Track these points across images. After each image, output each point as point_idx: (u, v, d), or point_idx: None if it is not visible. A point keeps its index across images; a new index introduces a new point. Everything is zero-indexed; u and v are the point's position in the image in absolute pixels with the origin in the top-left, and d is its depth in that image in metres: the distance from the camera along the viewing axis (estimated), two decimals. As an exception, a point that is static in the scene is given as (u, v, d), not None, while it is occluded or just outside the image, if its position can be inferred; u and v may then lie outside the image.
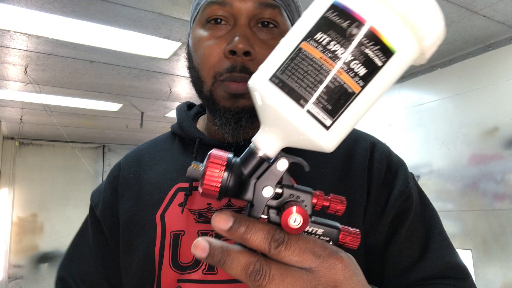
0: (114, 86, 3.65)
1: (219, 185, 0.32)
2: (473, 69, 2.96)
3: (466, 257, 2.81)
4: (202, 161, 0.64)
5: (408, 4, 0.29)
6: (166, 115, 4.74)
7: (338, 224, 0.35)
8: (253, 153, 0.34)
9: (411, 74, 3.42)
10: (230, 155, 0.34)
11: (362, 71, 0.30)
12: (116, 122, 5.08)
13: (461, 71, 3.04)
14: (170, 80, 3.53)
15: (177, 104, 4.21)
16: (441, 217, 0.65)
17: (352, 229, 0.35)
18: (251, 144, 0.34)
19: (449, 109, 3.09)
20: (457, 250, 0.61)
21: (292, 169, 0.59)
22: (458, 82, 3.05)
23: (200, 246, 0.31)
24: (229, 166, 0.33)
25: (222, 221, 0.31)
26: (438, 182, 3.10)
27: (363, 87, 0.30)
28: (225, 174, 0.32)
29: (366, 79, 0.30)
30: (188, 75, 0.67)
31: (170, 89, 3.75)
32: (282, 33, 0.60)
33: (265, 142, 0.33)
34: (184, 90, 3.77)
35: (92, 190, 0.77)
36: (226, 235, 0.32)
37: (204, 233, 0.59)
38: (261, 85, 0.31)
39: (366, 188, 0.60)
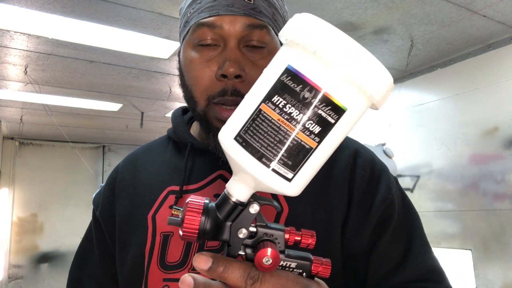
0: (114, 86, 3.65)
1: (197, 230, 0.36)
2: (473, 69, 2.96)
3: (466, 257, 2.81)
4: (192, 165, 0.67)
5: (353, 68, 0.32)
6: (166, 115, 4.74)
7: (310, 256, 0.39)
8: (226, 199, 0.37)
9: (411, 74, 3.42)
10: (207, 201, 0.38)
11: (317, 129, 0.33)
12: (116, 122, 5.08)
13: (461, 71, 3.04)
14: (170, 80, 3.53)
15: (177, 104, 4.22)
16: (441, 217, 0.66)
17: (323, 259, 0.38)
18: (224, 190, 0.38)
19: (449, 109, 3.09)
20: (457, 250, 0.63)
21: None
22: (458, 82, 3.05)
23: (186, 282, 0.35)
24: (205, 211, 0.36)
25: (202, 262, 0.35)
26: (438, 182, 3.10)
27: (319, 142, 0.34)
28: (202, 219, 0.36)
29: (321, 135, 0.34)
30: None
31: (170, 89, 3.75)
32: (271, 51, 0.62)
33: (237, 189, 0.37)
34: (184, 90, 3.76)
35: (92, 190, 0.80)
36: (207, 275, 0.35)
37: None
38: (227, 143, 0.35)
39: (348, 194, 0.62)
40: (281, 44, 0.37)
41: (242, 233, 0.37)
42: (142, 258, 0.62)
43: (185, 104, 0.74)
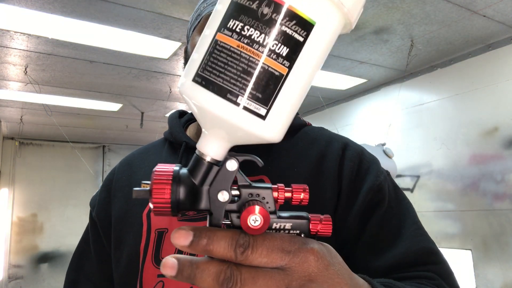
0: (114, 86, 3.65)
1: (169, 201, 0.31)
2: (473, 69, 2.96)
3: (466, 257, 2.81)
4: (186, 164, 0.67)
5: None
6: (166, 115, 4.74)
7: (307, 214, 0.34)
8: (200, 160, 0.32)
9: (411, 74, 3.42)
10: (177, 168, 0.32)
11: (284, 51, 0.28)
12: (116, 122, 5.08)
13: (461, 71, 3.04)
14: (170, 80, 3.53)
15: (177, 104, 4.22)
16: (441, 217, 0.66)
17: (322, 216, 0.34)
18: (195, 151, 0.33)
19: (449, 109, 3.10)
20: (457, 250, 0.62)
21: (265, 169, 0.62)
22: (458, 82, 3.05)
23: (169, 264, 0.30)
24: (176, 178, 0.31)
25: (181, 237, 0.30)
26: (438, 182, 3.10)
27: (289, 67, 0.29)
28: (173, 188, 0.31)
29: (290, 58, 0.28)
30: None
31: (170, 89, 3.75)
32: None
33: (209, 146, 0.32)
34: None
35: (92, 190, 0.81)
36: (188, 251, 0.31)
37: None
38: (186, 88, 0.30)
39: (337, 185, 0.63)
40: None
41: (223, 195, 0.32)
42: (137, 255, 0.63)
43: (184, 105, 0.74)
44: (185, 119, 0.80)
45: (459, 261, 2.83)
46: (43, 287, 5.64)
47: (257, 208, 0.30)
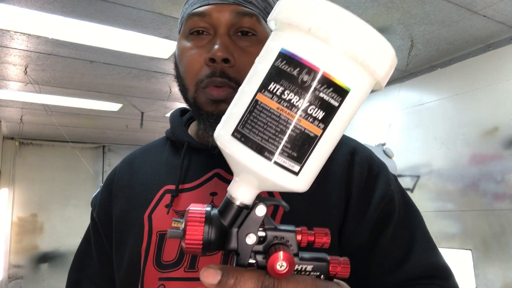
0: (114, 86, 3.65)
1: (201, 242, 0.33)
2: (473, 69, 2.96)
3: (466, 257, 2.81)
4: (189, 164, 0.66)
5: (353, 43, 0.29)
6: (166, 115, 4.74)
7: (326, 256, 0.36)
8: (230, 203, 0.34)
9: (411, 74, 3.42)
10: (208, 208, 0.34)
11: (320, 114, 0.30)
12: (116, 122, 5.08)
13: (461, 71, 3.04)
14: (170, 80, 3.53)
15: (177, 104, 4.22)
16: (441, 217, 0.65)
17: (341, 258, 0.36)
18: (226, 194, 0.35)
19: (449, 109, 3.09)
20: (457, 250, 0.62)
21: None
22: (458, 82, 3.05)
23: None
24: (208, 219, 0.33)
25: (210, 276, 0.31)
26: (438, 182, 3.10)
27: (324, 129, 0.31)
28: (206, 229, 0.33)
29: (325, 120, 0.31)
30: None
31: (170, 89, 3.75)
32: (262, 40, 0.62)
33: (240, 192, 0.34)
34: (184, 90, 3.76)
35: (92, 190, 0.80)
36: None
37: None
38: (224, 140, 0.32)
39: (345, 191, 0.62)
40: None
41: (251, 238, 0.34)
42: (138, 258, 0.62)
43: (183, 105, 0.74)
44: (186, 117, 0.78)
45: (459, 261, 2.83)
46: (43, 287, 5.64)
47: (283, 254, 0.32)
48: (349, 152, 0.65)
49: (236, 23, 0.61)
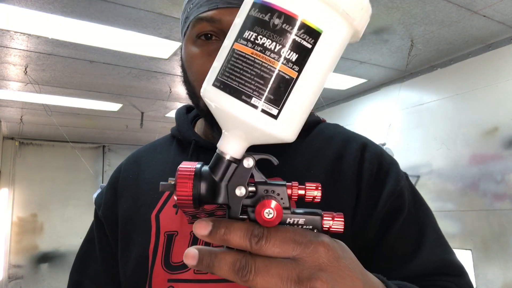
0: (114, 86, 3.65)
1: (190, 195, 0.34)
2: (473, 69, 2.96)
3: (466, 257, 2.81)
4: (197, 161, 0.65)
5: None
6: (166, 115, 4.74)
7: (320, 211, 0.36)
8: (220, 158, 0.35)
9: (411, 74, 3.42)
10: (198, 165, 0.36)
11: (293, 57, 0.31)
12: (116, 122, 5.08)
13: (461, 71, 3.04)
14: (170, 80, 3.53)
15: (177, 104, 4.21)
16: (441, 217, 0.65)
17: (335, 213, 0.36)
18: (217, 150, 0.36)
19: (449, 109, 3.10)
20: (457, 250, 0.61)
21: (281, 170, 0.60)
22: (458, 82, 3.05)
23: (190, 254, 0.33)
24: (197, 175, 0.35)
25: (202, 227, 0.33)
26: (438, 182, 3.10)
27: (299, 71, 0.32)
28: (195, 183, 0.34)
29: (300, 63, 0.31)
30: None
31: (170, 89, 3.75)
32: None
33: (229, 145, 0.35)
34: (184, 90, 3.76)
35: (92, 190, 0.79)
36: (208, 240, 0.34)
37: None
38: (207, 92, 0.34)
39: (356, 188, 0.61)
40: None
41: (240, 191, 0.35)
42: (145, 259, 0.61)
43: (188, 103, 0.73)
44: (192, 114, 0.76)
45: (459, 261, 2.83)
46: (43, 287, 5.64)
47: (271, 202, 0.33)
48: (359, 149, 0.64)
49: None
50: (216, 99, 0.33)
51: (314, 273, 0.32)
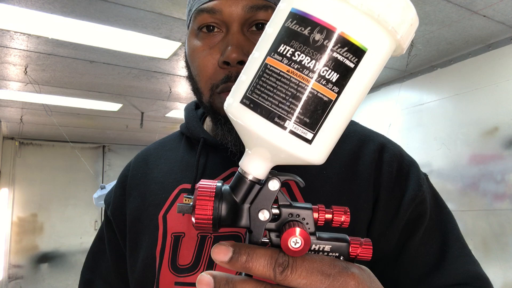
0: (114, 86, 3.65)
1: (211, 217, 0.31)
2: (473, 69, 2.96)
3: (466, 257, 2.81)
4: (205, 162, 0.64)
5: (371, 0, 0.27)
6: (166, 115, 4.74)
7: (346, 236, 0.33)
8: (242, 178, 0.32)
9: (411, 74, 3.42)
10: (219, 184, 0.33)
11: (334, 77, 0.28)
12: (116, 122, 5.08)
13: (461, 71, 3.04)
14: (170, 80, 3.53)
15: (177, 104, 4.22)
16: (441, 217, 0.63)
17: (362, 239, 0.33)
18: (238, 169, 0.33)
19: (449, 109, 3.09)
20: None
21: (293, 172, 0.58)
22: (458, 82, 3.05)
23: (204, 282, 0.30)
24: (218, 195, 0.32)
25: (221, 253, 0.30)
26: (438, 182, 3.10)
27: (339, 93, 0.29)
28: (215, 205, 0.31)
29: (340, 84, 0.29)
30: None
31: (170, 89, 3.75)
32: None
33: (252, 165, 0.32)
34: (184, 90, 3.77)
35: (92, 190, 0.79)
36: (228, 267, 0.30)
37: (203, 236, 0.59)
38: (233, 108, 0.31)
39: (373, 192, 0.57)
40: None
41: (264, 214, 0.32)
42: (153, 260, 0.59)
43: (184, 105, 0.72)
44: (202, 110, 0.74)
45: (459, 261, 2.83)
46: (43, 287, 5.64)
47: (298, 230, 0.30)
48: (376, 150, 0.60)
49: (250, 17, 0.56)
50: (244, 118, 0.29)
51: None
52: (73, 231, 5.68)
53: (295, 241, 0.29)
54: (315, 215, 0.33)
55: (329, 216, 0.33)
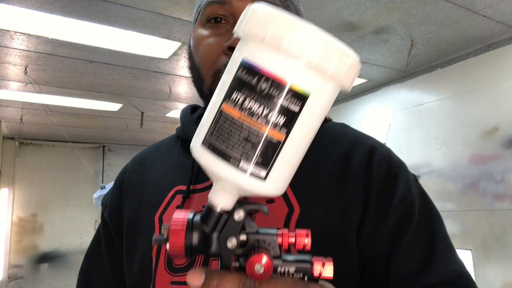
0: (114, 86, 3.65)
1: (183, 247, 0.35)
2: (473, 69, 2.96)
3: (466, 257, 2.81)
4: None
5: (306, 49, 0.30)
6: (166, 115, 4.74)
7: (310, 257, 0.36)
8: (210, 210, 0.36)
9: (411, 74, 3.42)
10: (191, 215, 0.36)
11: (281, 120, 0.31)
12: (116, 122, 5.08)
13: (461, 71, 3.04)
14: (170, 80, 3.53)
15: (177, 104, 4.21)
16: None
17: (325, 259, 0.36)
18: (207, 201, 0.36)
19: (449, 109, 3.09)
20: (457, 250, 0.61)
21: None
22: (458, 82, 3.05)
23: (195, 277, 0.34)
24: (189, 227, 0.35)
25: (195, 278, 0.34)
26: (438, 182, 3.10)
27: (287, 133, 0.32)
28: (187, 235, 0.35)
29: (288, 126, 0.31)
30: (189, 75, 0.68)
31: (170, 89, 3.75)
32: None
33: (219, 198, 0.35)
34: (184, 90, 3.77)
35: (92, 190, 0.80)
36: None
37: None
38: (195, 150, 0.34)
39: (363, 193, 0.59)
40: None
41: (232, 242, 0.35)
42: (149, 261, 0.61)
43: (188, 103, 0.72)
44: (197, 114, 0.75)
45: (459, 261, 2.83)
46: (43, 287, 5.64)
47: (259, 258, 0.33)
48: (366, 151, 0.62)
49: None
50: (205, 160, 0.33)
51: None
52: (73, 231, 5.68)
53: (258, 267, 0.33)
54: (279, 239, 0.36)
55: (292, 240, 0.36)
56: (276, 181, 0.33)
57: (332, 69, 0.31)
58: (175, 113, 4.58)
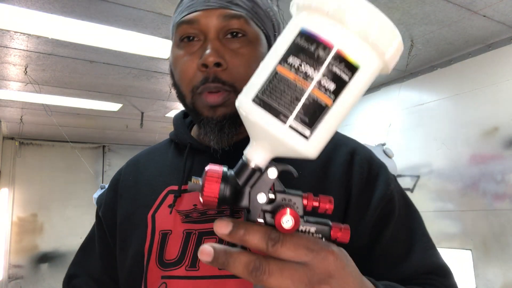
0: (114, 86, 3.66)
1: (217, 197, 0.36)
2: (473, 69, 2.96)
3: (466, 257, 2.82)
4: (192, 165, 0.69)
5: (366, 25, 0.34)
6: (166, 115, 4.74)
7: (329, 222, 0.39)
8: (245, 165, 0.38)
9: (411, 74, 3.42)
10: (225, 168, 0.38)
11: (332, 86, 0.34)
12: (116, 122, 5.08)
13: (461, 71, 3.04)
14: (170, 80, 3.53)
15: (177, 104, 4.22)
16: (441, 217, 0.66)
17: (342, 225, 0.39)
18: (243, 156, 0.38)
19: (449, 109, 3.10)
20: (457, 250, 0.62)
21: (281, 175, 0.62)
22: (458, 82, 3.05)
23: (206, 252, 0.35)
24: (224, 178, 0.37)
25: (223, 227, 0.35)
26: (438, 182, 3.10)
27: (334, 100, 0.35)
28: (222, 186, 0.37)
29: (336, 92, 0.35)
30: None
31: (170, 89, 3.75)
32: (252, 40, 0.64)
33: (255, 154, 0.38)
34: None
35: (92, 190, 0.82)
36: (227, 239, 0.35)
37: (188, 232, 0.63)
38: (245, 106, 0.36)
39: (345, 191, 0.63)
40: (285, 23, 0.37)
41: (261, 197, 0.37)
42: (141, 256, 0.64)
43: (182, 108, 0.75)
44: (189, 119, 0.80)
45: (459, 261, 2.83)
46: (43, 287, 5.64)
47: (290, 210, 0.35)
48: (348, 152, 0.66)
49: (224, 26, 0.62)
50: (254, 114, 0.35)
51: (323, 279, 0.35)
52: (73, 231, 5.68)
53: (286, 220, 0.35)
54: (304, 201, 0.38)
55: (316, 203, 0.38)
56: (316, 142, 0.35)
57: (383, 47, 0.34)
58: (175, 113, 4.58)
